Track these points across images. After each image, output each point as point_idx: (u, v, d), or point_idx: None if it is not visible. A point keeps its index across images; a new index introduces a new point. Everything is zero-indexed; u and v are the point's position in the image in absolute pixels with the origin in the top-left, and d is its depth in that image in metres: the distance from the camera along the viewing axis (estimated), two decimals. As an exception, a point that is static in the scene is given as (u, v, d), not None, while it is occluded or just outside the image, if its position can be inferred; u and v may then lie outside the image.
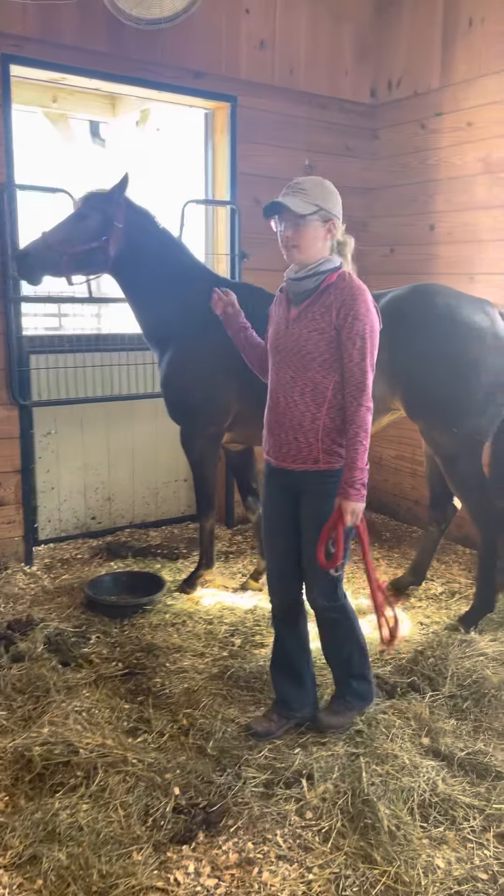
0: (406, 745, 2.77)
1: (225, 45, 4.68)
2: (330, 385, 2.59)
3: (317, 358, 2.58)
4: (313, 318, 2.58)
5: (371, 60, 5.27)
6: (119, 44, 4.30)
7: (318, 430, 2.62)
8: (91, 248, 3.68)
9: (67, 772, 2.57)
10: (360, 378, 2.53)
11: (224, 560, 4.70)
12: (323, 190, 2.58)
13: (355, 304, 2.52)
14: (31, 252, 3.65)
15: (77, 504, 4.96)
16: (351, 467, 2.54)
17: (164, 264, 3.84)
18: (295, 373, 2.63)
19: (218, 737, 2.81)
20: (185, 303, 3.84)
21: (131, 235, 3.74)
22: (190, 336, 3.83)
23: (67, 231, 3.67)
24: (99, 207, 3.71)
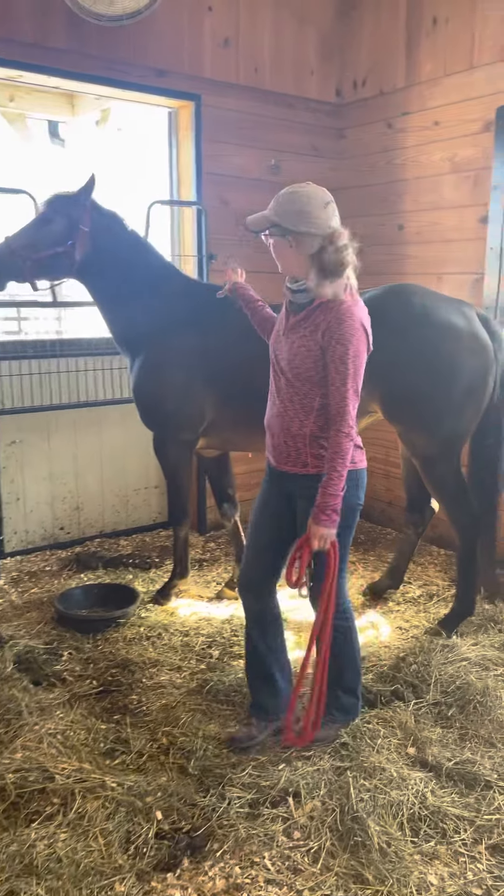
0: (392, 757, 2.71)
1: (188, 42, 4.59)
2: (316, 397, 2.57)
3: (303, 373, 2.55)
4: (303, 335, 2.54)
5: (336, 60, 5.23)
6: (79, 41, 4.18)
7: (305, 436, 2.61)
8: (56, 252, 3.56)
9: (43, 799, 2.46)
10: (341, 403, 2.47)
11: (198, 568, 4.60)
12: (281, 204, 2.47)
13: (340, 328, 2.44)
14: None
15: (44, 514, 4.82)
16: (324, 492, 2.49)
17: (134, 268, 3.73)
18: (286, 381, 2.62)
19: (199, 755, 2.72)
20: (156, 307, 3.74)
21: (98, 239, 3.62)
22: (162, 340, 3.73)
23: (31, 236, 3.55)
24: (64, 211, 3.58)
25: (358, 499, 2.68)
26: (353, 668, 2.88)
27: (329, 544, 2.52)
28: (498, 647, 3.44)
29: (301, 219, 2.43)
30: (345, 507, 2.59)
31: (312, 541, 2.50)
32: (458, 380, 3.31)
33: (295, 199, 2.46)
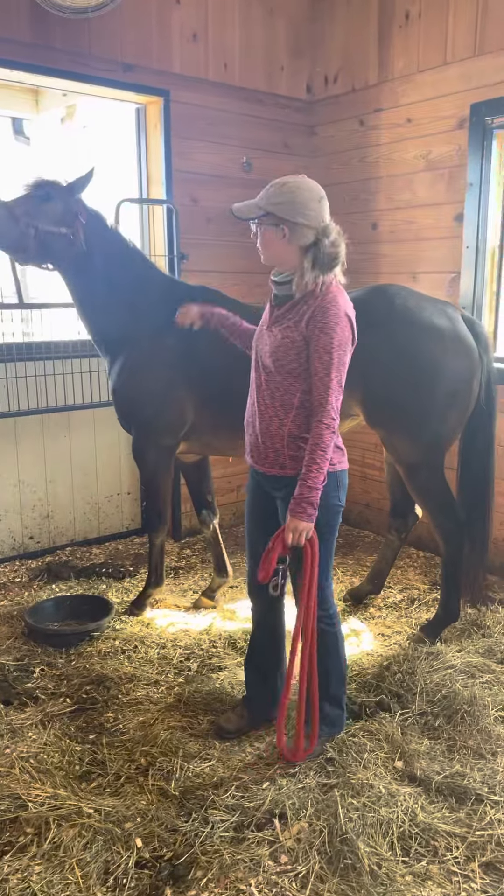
0: (380, 772, 2.62)
1: (156, 36, 4.46)
2: (297, 393, 2.50)
3: (286, 366, 2.49)
4: (287, 326, 2.48)
5: (307, 55, 5.15)
6: (43, 33, 4.04)
7: (284, 437, 2.55)
8: (59, 233, 3.41)
9: (16, 829, 2.33)
10: (323, 394, 2.42)
11: (174, 576, 4.48)
12: (279, 193, 2.43)
13: (325, 317, 2.39)
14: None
15: (13, 523, 4.66)
16: (302, 485, 2.43)
17: (116, 266, 3.60)
18: (267, 376, 2.56)
19: (179, 776, 2.61)
20: (138, 307, 3.63)
21: (88, 236, 3.49)
22: (143, 342, 3.61)
23: (32, 207, 3.38)
24: (60, 196, 3.44)
25: (339, 500, 2.63)
26: (339, 678, 2.81)
27: (304, 539, 2.45)
28: (483, 653, 3.38)
29: (297, 210, 2.40)
30: (325, 508, 2.55)
31: (286, 534, 2.45)
32: (441, 383, 3.24)
33: (292, 189, 2.42)
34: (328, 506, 2.56)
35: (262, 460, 2.63)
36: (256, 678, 2.97)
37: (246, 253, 4.81)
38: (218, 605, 4.00)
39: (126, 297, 3.62)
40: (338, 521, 2.68)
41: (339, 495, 2.62)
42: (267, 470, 2.62)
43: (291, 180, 2.46)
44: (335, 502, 2.60)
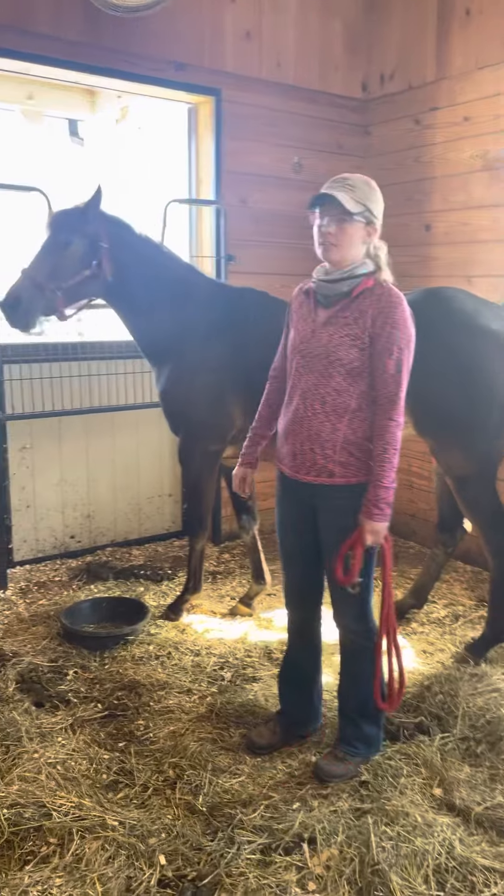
0: (417, 799, 2.50)
1: (209, 35, 4.41)
2: (354, 394, 2.43)
3: (346, 365, 2.42)
4: (346, 324, 2.42)
5: (362, 53, 5.03)
6: (96, 33, 4.03)
7: (336, 442, 2.45)
8: (84, 277, 3.33)
9: (39, 838, 2.28)
10: (394, 391, 2.37)
11: (212, 581, 4.42)
12: (370, 190, 2.44)
13: (394, 313, 2.36)
14: (23, 297, 3.25)
15: (55, 522, 4.66)
16: (376, 485, 2.38)
17: (152, 274, 3.53)
18: (318, 379, 2.46)
19: (207, 791, 2.54)
20: (180, 313, 3.56)
21: (116, 253, 3.41)
22: (188, 348, 3.55)
23: (53, 263, 3.29)
24: (78, 229, 3.34)
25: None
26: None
27: (382, 539, 2.42)
28: (530, 676, 3.22)
29: (381, 209, 2.48)
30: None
31: (366, 537, 2.39)
32: (498, 392, 3.08)
33: (374, 186, 2.46)
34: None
35: (307, 469, 2.52)
36: (291, 692, 2.89)
37: (293, 254, 4.73)
38: (255, 613, 3.92)
39: (167, 304, 3.55)
40: None
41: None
42: (313, 479, 2.51)
43: (366, 178, 2.47)
44: None
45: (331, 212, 2.39)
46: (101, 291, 3.46)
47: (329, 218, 2.40)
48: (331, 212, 2.39)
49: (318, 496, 2.54)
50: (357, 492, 2.48)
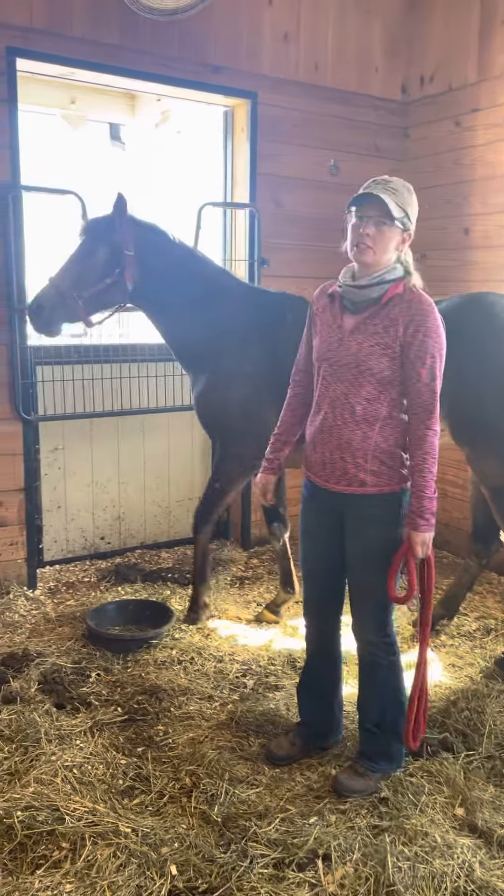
0: (438, 818, 2.43)
1: (246, 37, 4.40)
2: (385, 402, 2.39)
3: (376, 374, 2.37)
4: (375, 332, 2.37)
5: (402, 55, 4.96)
6: (132, 36, 4.04)
7: (367, 451, 2.41)
8: (106, 285, 3.36)
9: (52, 842, 2.27)
10: (430, 399, 2.34)
11: (239, 586, 4.39)
12: (409, 195, 2.41)
13: (427, 321, 2.32)
14: (45, 304, 3.33)
15: (85, 523, 4.68)
16: (419, 496, 2.36)
17: (186, 281, 3.52)
18: (348, 388, 2.42)
19: (223, 801, 2.50)
20: (217, 320, 3.54)
21: (144, 258, 3.42)
22: (226, 355, 3.52)
23: (77, 272, 3.35)
24: (104, 237, 3.37)
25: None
26: (399, 710, 2.64)
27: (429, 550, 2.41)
28: None
29: (416, 215, 2.43)
30: (397, 534, 2.44)
31: (416, 549, 2.37)
32: None
33: (412, 192, 2.42)
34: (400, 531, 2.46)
35: (337, 478, 2.48)
36: (311, 704, 2.84)
37: (328, 258, 4.64)
38: (281, 620, 3.88)
39: (202, 310, 3.53)
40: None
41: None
42: (343, 488, 2.47)
43: (405, 183, 2.42)
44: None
45: (370, 213, 2.33)
46: (124, 299, 3.47)
47: (368, 219, 2.34)
48: (370, 213, 2.33)
49: (348, 505, 2.50)
50: (389, 501, 2.44)
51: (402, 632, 3.77)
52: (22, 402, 4.07)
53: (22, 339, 4.03)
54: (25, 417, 4.11)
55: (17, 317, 3.99)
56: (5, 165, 3.85)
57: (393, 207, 2.31)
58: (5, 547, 4.19)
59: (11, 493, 4.16)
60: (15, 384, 4.04)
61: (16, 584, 4.23)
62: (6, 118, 3.81)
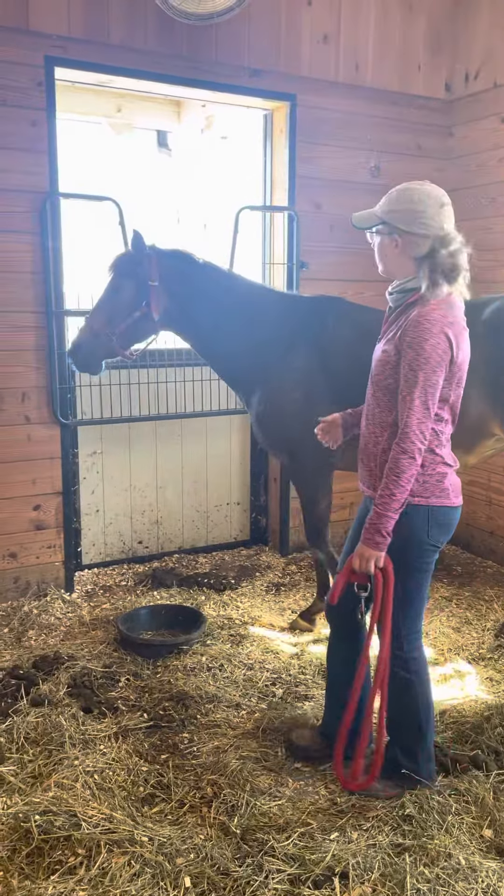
0: (463, 839, 2.34)
1: (284, 39, 4.36)
2: (392, 410, 2.36)
3: (381, 382, 2.38)
4: (388, 340, 2.37)
5: (446, 52, 4.85)
6: (169, 42, 4.05)
7: (377, 456, 2.41)
8: (135, 319, 3.41)
9: (68, 848, 2.27)
10: (404, 416, 2.25)
11: (275, 593, 4.34)
12: (393, 201, 2.32)
13: (415, 331, 2.22)
14: (82, 345, 3.45)
15: (123, 527, 4.71)
16: (373, 510, 2.30)
17: (219, 301, 3.49)
18: (371, 391, 2.46)
19: (244, 812, 2.46)
20: (256, 336, 3.49)
21: (172, 288, 3.42)
22: (271, 370, 3.48)
23: (107, 309, 3.43)
24: (129, 272, 3.40)
25: (428, 537, 2.38)
26: (413, 729, 2.54)
27: (372, 568, 2.29)
28: None
29: (414, 218, 2.27)
30: (411, 544, 2.36)
31: (353, 559, 2.32)
32: None
33: (409, 197, 2.30)
34: (415, 542, 2.37)
35: (363, 480, 2.52)
36: (333, 706, 2.75)
37: (369, 261, 4.56)
38: (315, 628, 3.81)
39: (239, 329, 3.50)
40: (427, 561, 2.44)
41: (429, 531, 2.38)
42: (367, 491, 2.50)
43: (414, 187, 2.32)
44: (423, 538, 2.37)
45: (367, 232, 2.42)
46: (154, 329, 3.48)
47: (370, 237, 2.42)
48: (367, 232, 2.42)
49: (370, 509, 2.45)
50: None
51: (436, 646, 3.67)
52: (60, 406, 4.12)
53: (60, 343, 4.08)
54: (63, 422, 4.15)
55: (54, 321, 4.04)
56: (44, 173, 3.91)
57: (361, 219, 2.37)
58: (43, 550, 4.25)
59: (50, 496, 4.21)
60: (53, 389, 4.09)
61: (53, 586, 4.27)
62: (45, 127, 3.86)
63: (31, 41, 3.76)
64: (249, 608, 4.07)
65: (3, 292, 3.91)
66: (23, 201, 3.88)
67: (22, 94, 3.79)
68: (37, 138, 3.86)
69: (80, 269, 4.23)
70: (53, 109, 3.89)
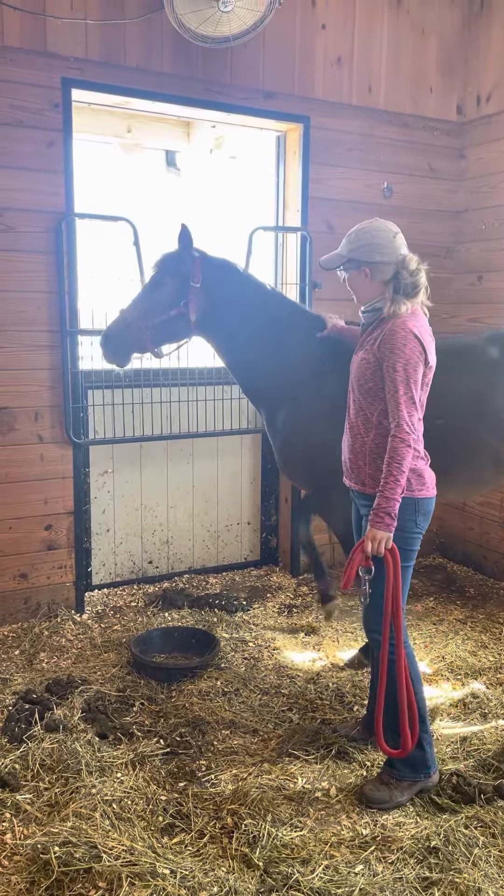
0: (492, 873, 2.29)
1: (298, 62, 4.39)
2: (375, 412, 2.64)
3: (363, 385, 2.66)
4: (367, 349, 2.66)
5: (458, 75, 4.89)
6: (185, 64, 4.08)
7: (366, 454, 2.68)
8: (170, 316, 3.37)
9: (88, 881, 2.21)
10: (395, 409, 2.53)
11: (287, 614, 4.30)
12: (354, 241, 2.66)
13: (393, 339, 2.53)
14: (112, 334, 3.40)
15: (133, 547, 4.68)
16: (379, 495, 2.52)
17: (255, 317, 3.44)
18: (353, 396, 2.74)
19: (265, 843, 2.41)
20: (290, 354, 3.44)
21: (213, 292, 3.38)
22: (304, 389, 3.42)
23: (143, 304, 3.39)
24: (172, 270, 3.37)
25: (415, 524, 2.62)
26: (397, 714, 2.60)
27: (383, 549, 2.50)
28: None
29: (375, 250, 2.62)
30: (405, 532, 2.59)
31: (366, 543, 2.51)
32: None
33: (366, 234, 2.65)
34: (406, 530, 2.60)
35: (351, 476, 2.76)
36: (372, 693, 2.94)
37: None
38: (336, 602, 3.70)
39: (272, 345, 3.45)
40: (413, 545, 2.66)
41: (416, 520, 2.62)
42: (352, 486, 2.76)
43: (366, 225, 2.68)
44: (410, 526, 2.61)
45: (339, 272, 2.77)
46: (188, 330, 3.43)
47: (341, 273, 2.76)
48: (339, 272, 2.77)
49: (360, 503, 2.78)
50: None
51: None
52: (73, 425, 4.10)
53: (73, 363, 4.07)
54: (76, 441, 4.13)
55: (68, 341, 4.02)
56: (60, 193, 3.91)
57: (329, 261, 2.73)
58: (54, 570, 4.21)
59: (61, 516, 4.18)
60: (66, 408, 4.07)
61: (64, 607, 4.23)
62: (61, 147, 3.87)
63: (49, 63, 3.78)
64: (263, 631, 4.03)
65: (17, 311, 3.91)
66: (39, 221, 3.88)
67: (39, 115, 3.81)
68: (53, 159, 3.87)
69: (94, 288, 4.23)
70: (70, 130, 3.90)
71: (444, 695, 3.39)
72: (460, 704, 3.31)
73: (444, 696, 3.38)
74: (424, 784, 2.69)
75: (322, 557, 3.78)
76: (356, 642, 3.89)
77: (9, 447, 4.00)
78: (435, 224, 4.91)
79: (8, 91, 3.72)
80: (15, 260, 3.87)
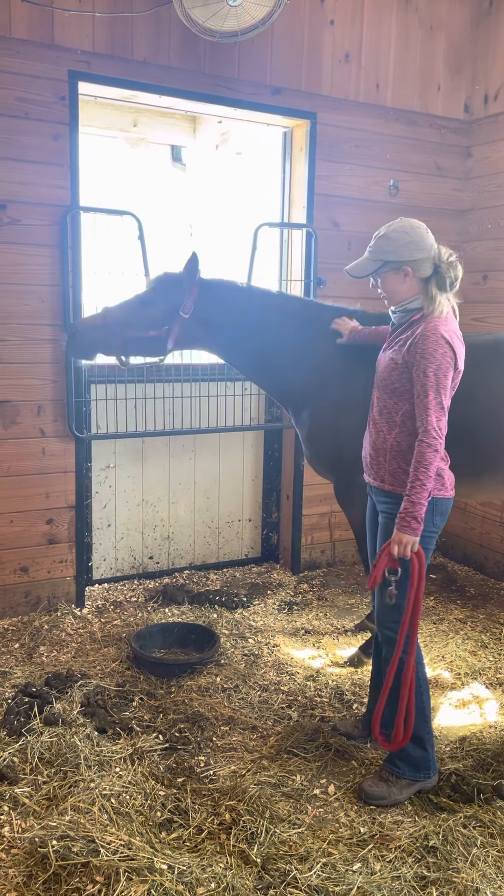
0: (490, 873, 2.29)
1: (306, 58, 4.37)
2: (399, 412, 2.64)
3: (390, 385, 2.66)
4: (394, 350, 2.66)
5: (466, 73, 4.87)
6: (193, 59, 4.06)
7: (387, 451, 2.68)
8: (149, 336, 3.36)
9: (86, 875, 2.21)
10: (423, 414, 2.52)
11: (287, 612, 4.29)
12: (389, 241, 2.60)
13: (425, 343, 2.52)
14: (82, 330, 3.39)
15: (134, 542, 4.67)
16: (406, 499, 2.52)
17: (264, 323, 3.41)
18: (378, 394, 2.74)
19: (263, 840, 2.41)
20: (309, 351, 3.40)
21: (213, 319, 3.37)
22: (328, 385, 3.38)
23: (128, 313, 3.36)
24: (167, 294, 3.35)
25: (431, 524, 2.62)
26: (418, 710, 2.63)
27: (409, 552, 2.50)
28: None
29: (415, 247, 2.59)
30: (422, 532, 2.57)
31: (392, 546, 2.52)
32: None
33: (402, 233, 2.60)
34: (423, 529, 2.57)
35: (371, 472, 2.77)
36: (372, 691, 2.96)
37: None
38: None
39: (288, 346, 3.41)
40: (429, 545, 2.66)
41: (433, 520, 2.62)
42: (372, 482, 2.77)
43: (397, 225, 2.62)
44: (427, 525, 2.60)
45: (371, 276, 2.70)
46: (161, 352, 3.42)
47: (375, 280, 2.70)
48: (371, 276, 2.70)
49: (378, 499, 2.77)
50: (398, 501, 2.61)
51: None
52: (75, 420, 4.09)
53: (76, 357, 4.06)
54: (78, 435, 4.12)
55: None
56: (65, 187, 3.90)
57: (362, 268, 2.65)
58: (55, 564, 4.20)
59: (62, 510, 4.18)
60: (69, 402, 4.07)
61: (64, 601, 4.23)
62: (67, 141, 3.86)
63: (56, 56, 3.76)
64: (263, 628, 4.03)
65: (20, 305, 3.90)
66: (44, 214, 3.87)
67: (45, 107, 3.80)
68: (59, 152, 3.86)
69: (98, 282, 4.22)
70: (76, 124, 3.89)
71: (443, 694, 3.39)
72: (459, 703, 3.30)
73: (444, 695, 3.38)
74: (423, 785, 2.69)
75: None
76: (356, 640, 3.88)
77: (11, 441, 3.99)
78: (441, 222, 4.88)
79: (15, 83, 3.71)
80: (19, 253, 3.86)
